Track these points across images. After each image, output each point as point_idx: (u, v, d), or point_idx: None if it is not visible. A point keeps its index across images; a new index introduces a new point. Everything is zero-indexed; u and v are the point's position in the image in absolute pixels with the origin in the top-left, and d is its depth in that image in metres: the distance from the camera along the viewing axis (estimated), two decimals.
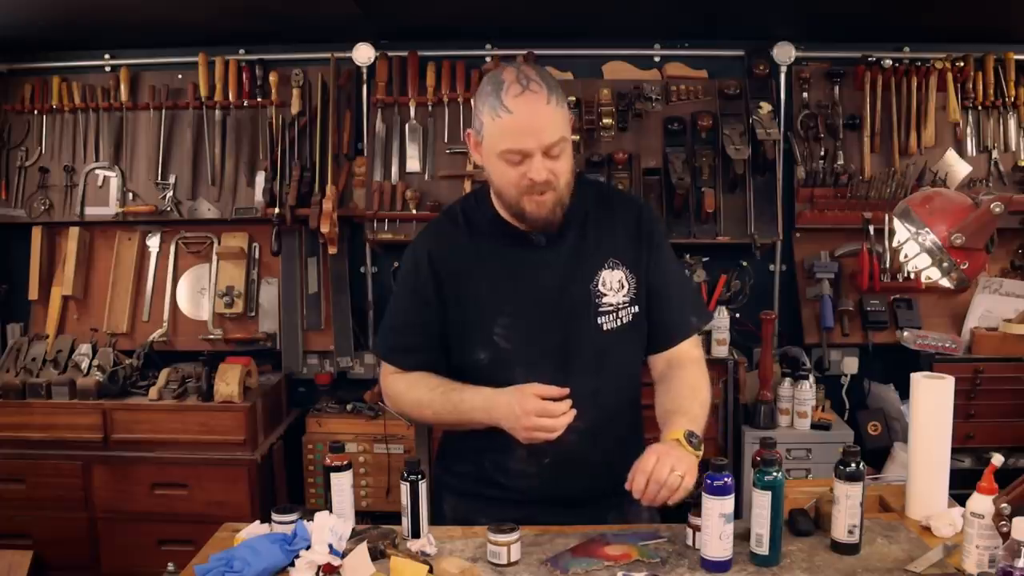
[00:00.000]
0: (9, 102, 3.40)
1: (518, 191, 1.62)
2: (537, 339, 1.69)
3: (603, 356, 1.73)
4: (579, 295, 1.71)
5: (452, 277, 1.73)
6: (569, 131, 1.63)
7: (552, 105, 1.58)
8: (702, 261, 3.20)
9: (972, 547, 1.47)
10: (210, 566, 1.48)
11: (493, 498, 1.76)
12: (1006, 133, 3.29)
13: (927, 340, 3.04)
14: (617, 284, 1.73)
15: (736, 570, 1.53)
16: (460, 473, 1.84)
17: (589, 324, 1.72)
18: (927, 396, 1.71)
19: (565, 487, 1.75)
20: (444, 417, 1.77)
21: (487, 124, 1.61)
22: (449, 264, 1.74)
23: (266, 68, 3.35)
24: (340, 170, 3.32)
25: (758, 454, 1.56)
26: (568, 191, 1.66)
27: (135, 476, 2.98)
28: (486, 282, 1.72)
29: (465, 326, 1.72)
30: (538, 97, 1.57)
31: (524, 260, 1.72)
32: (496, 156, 1.61)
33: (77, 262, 3.39)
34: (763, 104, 3.19)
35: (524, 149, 1.58)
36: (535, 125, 1.57)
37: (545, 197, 1.62)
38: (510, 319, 1.69)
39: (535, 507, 1.73)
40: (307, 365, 3.42)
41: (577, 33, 3.27)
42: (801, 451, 2.97)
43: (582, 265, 1.73)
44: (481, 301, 1.71)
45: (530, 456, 1.71)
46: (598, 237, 1.75)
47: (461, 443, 1.82)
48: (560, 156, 1.61)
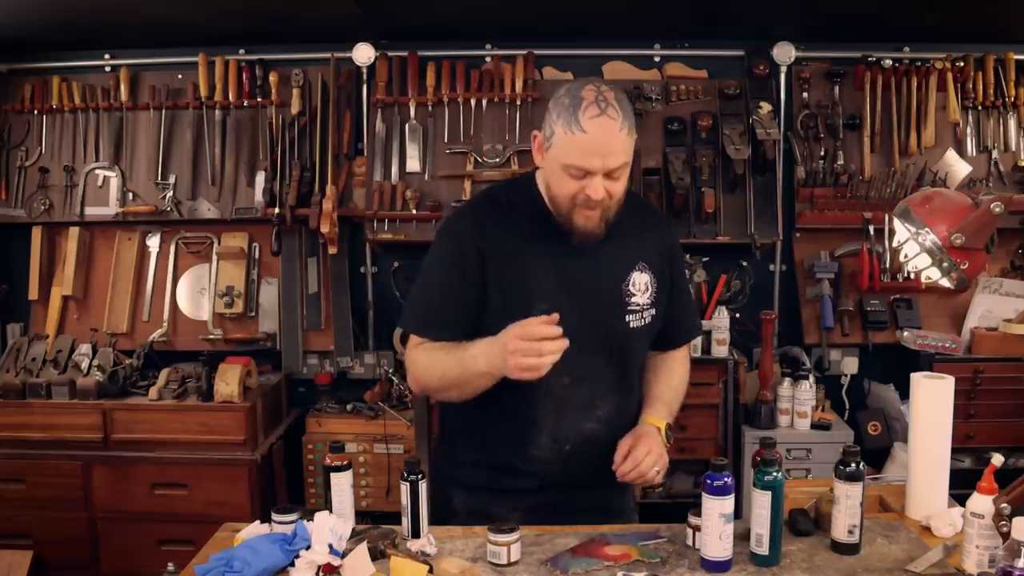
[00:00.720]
0: (9, 102, 3.40)
1: (572, 203, 1.70)
2: (571, 329, 1.70)
3: (626, 351, 1.84)
4: (612, 293, 1.81)
5: (496, 259, 1.77)
6: (631, 154, 1.70)
7: (623, 132, 1.65)
8: (702, 261, 3.20)
9: (972, 547, 1.47)
10: (210, 566, 1.48)
11: (504, 487, 1.81)
12: (1006, 133, 3.29)
13: (927, 340, 3.04)
14: (644, 286, 1.83)
15: (736, 570, 1.53)
16: (470, 463, 1.86)
17: (620, 321, 1.81)
18: (927, 396, 1.71)
19: (580, 471, 1.82)
20: (449, 376, 1.76)
21: (559, 135, 1.66)
22: (494, 245, 1.77)
23: (266, 68, 3.34)
24: (340, 170, 3.32)
25: (758, 454, 1.56)
26: (617, 208, 1.74)
27: (135, 476, 2.98)
28: (529, 268, 1.77)
29: (505, 308, 1.74)
30: (613, 123, 1.63)
31: (564, 252, 1.78)
32: (560, 167, 1.68)
33: (77, 262, 3.39)
34: (763, 104, 3.20)
35: (589, 168, 1.65)
36: (604, 149, 1.64)
37: (595, 212, 1.70)
38: (550, 305, 1.71)
39: (548, 492, 1.80)
40: (307, 365, 3.42)
41: (577, 33, 3.27)
42: (801, 451, 2.97)
43: (616, 265, 1.82)
44: (524, 285, 1.76)
45: (554, 443, 1.79)
46: (631, 241, 1.84)
47: (476, 431, 1.85)
48: (620, 178, 1.69)
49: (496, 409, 1.78)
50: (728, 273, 3.25)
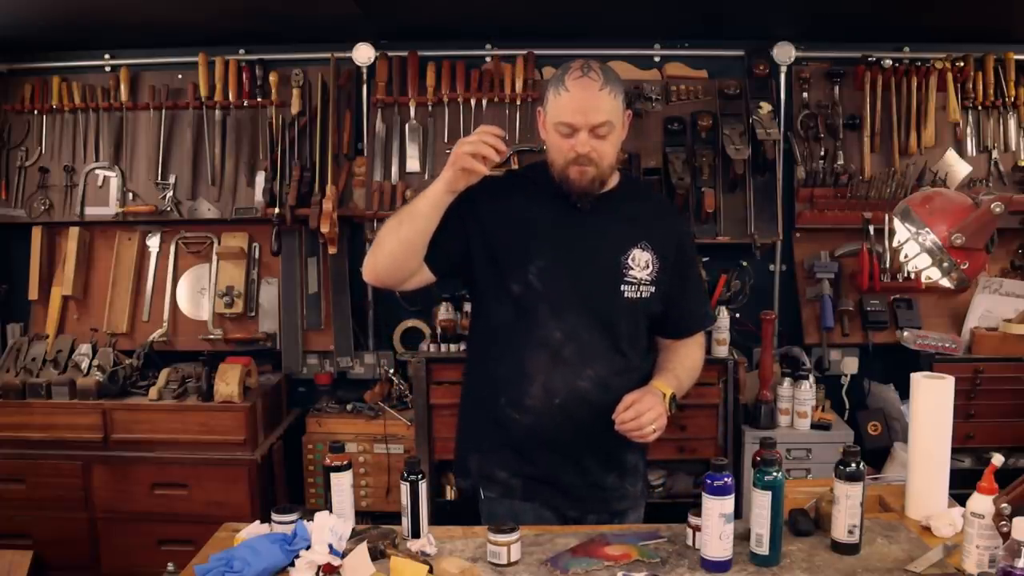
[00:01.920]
0: (9, 102, 3.40)
1: (565, 160, 1.86)
2: (566, 288, 1.89)
3: (620, 318, 1.94)
4: (611, 262, 1.92)
5: (501, 210, 1.93)
6: (619, 120, 1.87)
7: (605, 92, 1.82)
8: (702, 261, 3.18)
9: (972, 547, 1.47)
10: (210, 566, 1.48)
11: (508, 444, 1.94)
12: (1006, 133, 3.29)
13: (927, 340, 3.04)
14: (644, 263, 1.94)
15: (736, 570, 1.53)
16: (479, 423, 2.00)
17: (615, 289, 1.92)
18: (927, 396, 1.71)
19: (575, 431, 1.91)
20: (406, 232, 1.84)
21: (550, 99, 1.88)
22: (500, 199, 1.95)
23: (266, 68, 3.34)
24: (340, 170, 3.32)
25: (758, 454, 1.56)
26: (610, 172, 1.92)
27: (135, 476, 2.98)
28: (528, 227, 1.92)
29: (509, 253, 1.91)
30: (593, 83, 1.82)
31: (569, 219, 1.93)
32: (552, 127, 1.87)
33: (77, 262, 3.39)
34: (763, 104, 3.19)
35: (572, 123, 1.82)
36: (586, 106, 1.81)
37: (587, 169, 1.85)
38: (546, 263, 1.89)
39: (547, 455, 1.92)
40: (307, 365, 3.42)
41: (577, 33, 3.27)
42: (801, 451, 2.97)
43: (619, 238, 1.94)
44: (523, 241, 1.91)
45: (545, 395, 1.90)
46: (638, 224, 1.97)
47: (478, 382, 2.02)
48: (605, 138, 1.84)
49: (495, 362, 1.95)
50: (728, 273, 3.25)
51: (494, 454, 1.97)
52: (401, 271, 1.90)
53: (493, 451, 1.97)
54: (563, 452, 1.93)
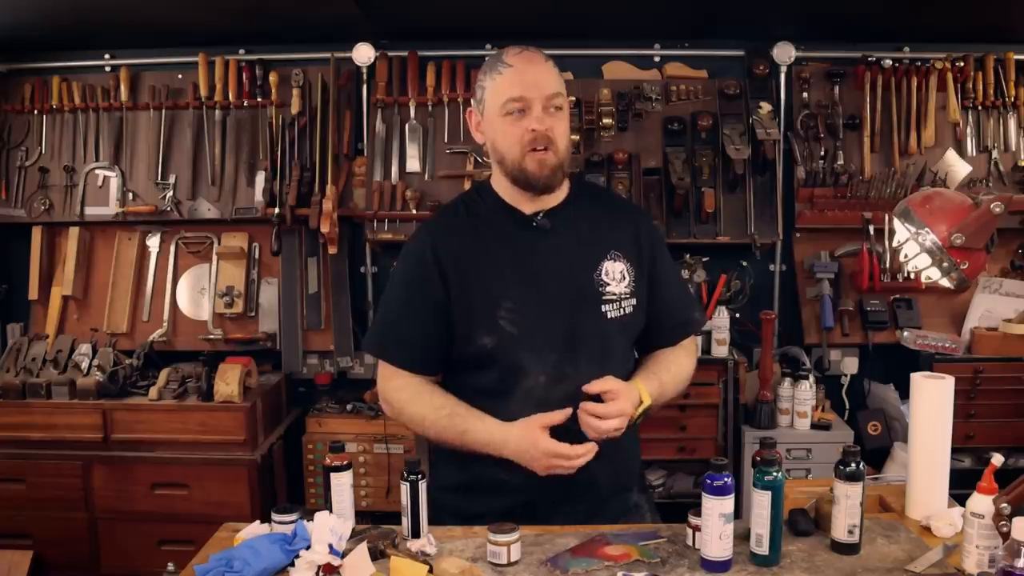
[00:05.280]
0: (9, 102, 3.40)
1: (521, 148, 1.69)
2: (543, 324, 1.71)
3: (607, 343, 1.77)
4: (584, 282, 1.75)
5: (455, 265, 1.74)
6: (567, 103, 1.73)
7: (550, 65, 1.73)
8: (702, 261, 3.20)
9: (972, 547, 1.46)
10: (210, 566, 1.48)
11: (495, 509, 1.67)
12: (1006, 133, 3.29)
13: (927, 340, 3.04)
14: (619, 275, 1.77)
15: (736, 570, 1.53)
16: (453, 487, 1.81)
17: (595, 311, 1.75)
18: (927, 396, 1.71)
19: (571, 478, 1.70)
20: (446, 440, 1.75)
21: (488, 87, 1.72)
22: (453, 252, 1.75)
23: (266, 68, 3.34)
24: (340, 170, 3.32)
25: (758, 454, 1.56)
26: (567, 157, 1.74)
27: (135, 476, 2.98)
28: (490, 267, 1.74)
29: (471, 313, 1.72)
30: (536, 55, 1.72)
31: (528, 245, 1.76)
32: (499, 116, 1.70)
33: (77, 262, 3.39)
34: (763, 104, 3.20)
35: (525, 96, 1.68)
36: (534, 76, 1.69)
37: (546, 155, 1.69)
38: (515, 303, 1.71)
39: (548, 510, 1.73)
40: (307, 365, 3.42)
41: (577, 33, 3.27)
42: (801, 451, 2.97)
43: (585, 254, 1.77)
44: (486, 285, 1.73)
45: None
46: (599, 231, 1.80)
47: (451, 454, 1.79)
48: (558, 115, 1.70)
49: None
50: (728, 273, 3.25)
51: (480, 519, 1.67)
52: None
53: (479, 517, 1.68)
54: (561, 505, 1.75)
